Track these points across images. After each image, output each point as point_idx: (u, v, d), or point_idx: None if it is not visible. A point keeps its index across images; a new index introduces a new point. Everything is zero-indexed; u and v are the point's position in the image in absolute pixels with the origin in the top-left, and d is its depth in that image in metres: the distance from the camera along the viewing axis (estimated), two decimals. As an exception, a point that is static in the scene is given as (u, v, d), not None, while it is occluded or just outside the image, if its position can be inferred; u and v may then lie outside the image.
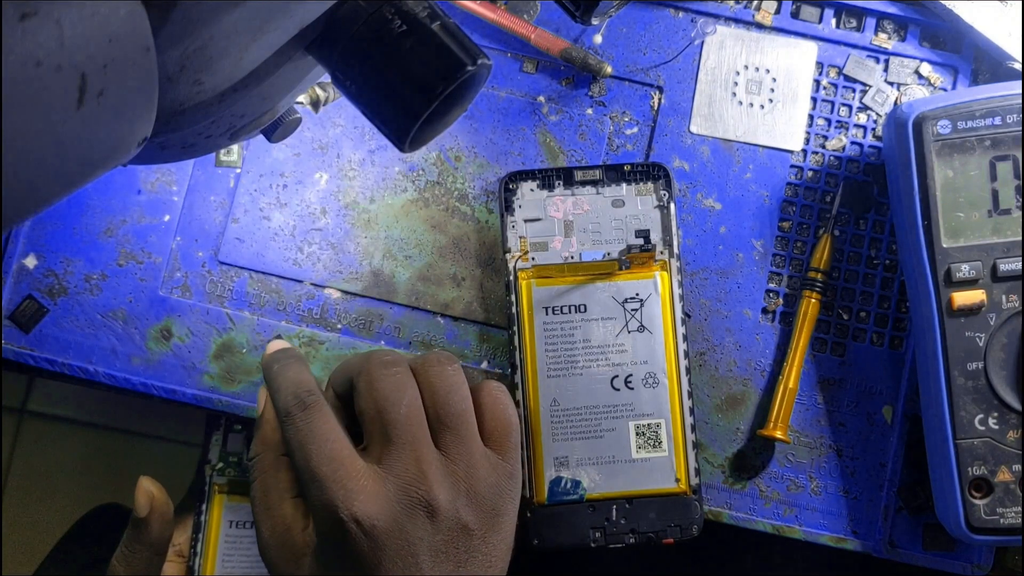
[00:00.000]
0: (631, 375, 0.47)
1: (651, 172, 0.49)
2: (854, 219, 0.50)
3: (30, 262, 0.50)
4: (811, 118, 0.51)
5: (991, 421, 0.45)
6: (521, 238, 0.49)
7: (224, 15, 0.29)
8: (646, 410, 0.47)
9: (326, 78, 0.38)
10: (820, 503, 0.49)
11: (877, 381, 0.49)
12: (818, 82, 0.51)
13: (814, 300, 0.49)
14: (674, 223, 0.48)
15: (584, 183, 0.49)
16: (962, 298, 0.45)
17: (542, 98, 0.51)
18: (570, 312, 0.48)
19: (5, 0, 0.23)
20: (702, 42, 0.51)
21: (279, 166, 0.51)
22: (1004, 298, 0.45)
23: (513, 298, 0.48)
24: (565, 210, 0.49)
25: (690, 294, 0.50)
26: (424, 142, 0.36)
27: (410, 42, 0.32)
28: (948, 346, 0.45)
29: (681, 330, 0.47)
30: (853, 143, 0.51)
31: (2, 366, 0.50)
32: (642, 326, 0.47)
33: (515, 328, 0.48)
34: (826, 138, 0.51)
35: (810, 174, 0.51)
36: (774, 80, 0.51)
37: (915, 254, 0.46)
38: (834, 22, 0.51)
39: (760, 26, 0.51)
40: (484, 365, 0.50)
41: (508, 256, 0.48)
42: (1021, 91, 0.46)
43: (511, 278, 0.48)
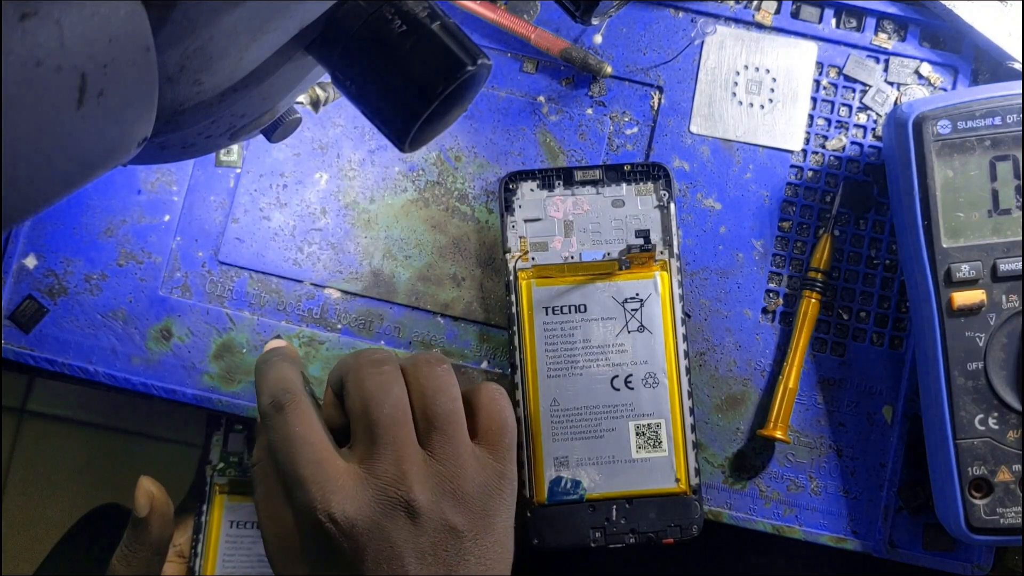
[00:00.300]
0: (631, 375, 0.47)
1: (651, 172, 0.49)
2: (854, 219, 0.50)
3: (30, 262, 0.50)
4: (811, 118, 0.51)
5: (991, 421, 0.45)
6: (521, 238, 0.49)
7: (224, 15, 0.29)
8: (646, 410, 0.47)
9: (326, 78, 0.37)
10: (820, 503, 0.49)
11: (877, 381, 0.49)
12: (818, 82, 0.51)
13: (814, 300, 0.49)
14: (674, 223, 0.48)
15: (584, 183, 0.49)
16: (962, 298, 0.45)
17: (542, 98, 0.51)
18: (570, 312, 0.48)
19: (5, 0, 0.23)
20: (702, 42, 0.51)
21: (279, 166, 0.51)
22: (1004, 298, 0.45)
23: (513, 298, 0.48)
24: (565, 210, 0.49)
25: (690, 294, 0.50)
26: (424, 142, 0.36)
27: (410, 42, 0.32)
28: (948, 346, 0.45)
29: (681, 330, 0.47)
30: (853, 143, 0.51)
31: (2, 366, 0.50)
32: (642, 326, 0.47)
33: (515, 328, 0.48)
34: (826, 138, 0.51)
35: (810, 174, 0.51)
36: (774, 80, 0.51)
37: (915, 254, 0.46)
38: (834, 22, 0.51)
39: (760, 26, 0.51)
40: (484, 365, 0.50)
41: (508, 256, 0.48)
42: (1021, 91, 0.46)
43: (511, 278, 0.48)
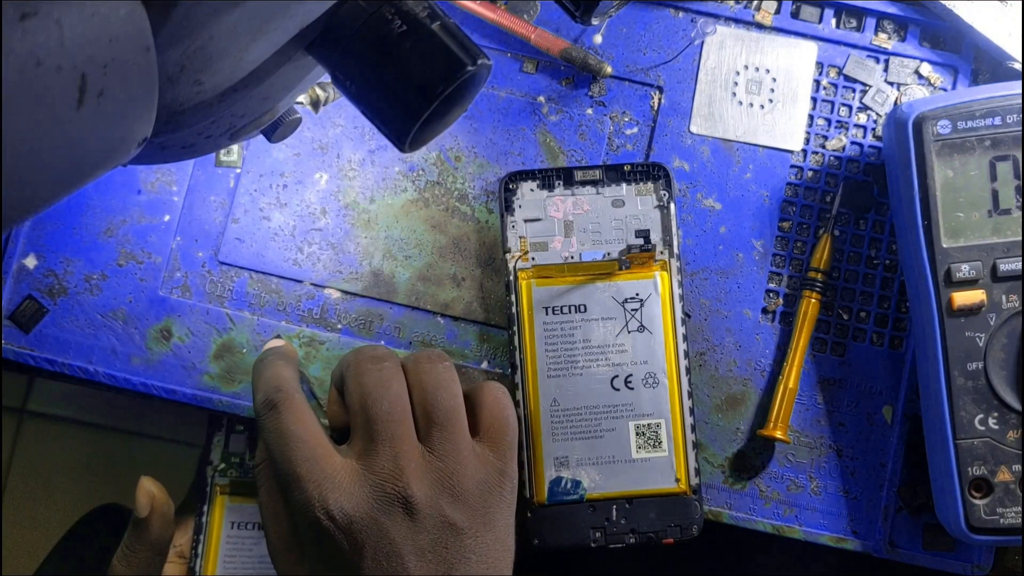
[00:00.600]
0: (631, 375, 0.47)
1: (651, 172, 0.49)
2: (854, 219, 0.50)
3: (30, 262, 0.50)
4: (811, 118, 0.51)
5: (991, 421, 0.45)
6: (521, 238, 0.49)
7: (224, 15, 0.29)
8: (646, 410, 0.47)
9: (326, 78, 0.37)
10: (820, 503, 0.49)
11: (877, 381, 0.49)
12: (818, 82, 0.51)
13: (814, 300, 0.49)
14: (674, 223, 0.48)
15: (584, 183, 0.49)
16: (962, 298, 0.45)
17: (542, 98, 0.51)
18: (570, 312, 0.48)
19: (5, 0, 0.23)
20: (702, 42, 0.51)
21: (279, 166, 0.51)
22: (1004, 298, 0.45)
23: (513, 298, 0.48)
24: (565, 210, 0.49)
25: (690, 294, 0.50)
26: (424, 142, 0.36)
27: (410, 42, 0.32)
28: (948, 346, 0.45)
29: (681, 330, 0.47)
30: (853, 143, 0.51)
31: (2, 366, 0.50)
32: (642, 326, 0.47)
33: (515, 328, 0.48)
34: (826, 138, 0.51)
35: (810, 174, 0.51)
36: (774, 80, 0.51)
37: (915, 254, 0.46)
38: (834, 22, 0.51)
39: (760, 26, 0.51)
40: (484, 365, 0.50)
41: (508, 256, 0.48)
42: (1021, 91, 0.45)
43: (511, 278, 0.48)
